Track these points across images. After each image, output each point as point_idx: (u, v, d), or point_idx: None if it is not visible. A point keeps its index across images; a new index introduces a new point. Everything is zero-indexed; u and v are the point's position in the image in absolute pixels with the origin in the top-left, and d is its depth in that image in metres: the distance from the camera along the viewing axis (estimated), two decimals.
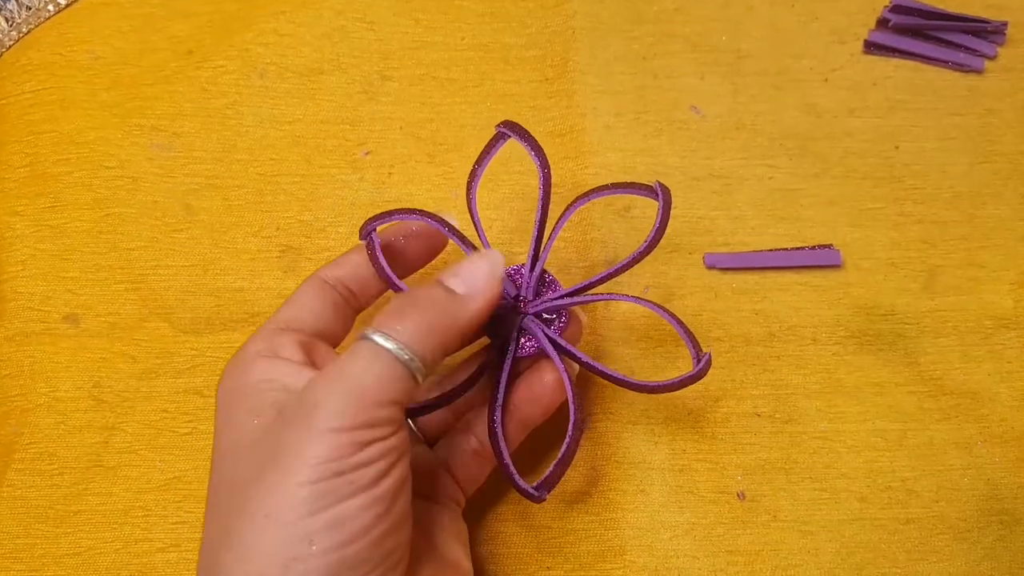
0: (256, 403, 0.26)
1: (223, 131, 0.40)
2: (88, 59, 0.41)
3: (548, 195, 0.32)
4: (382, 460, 0.24)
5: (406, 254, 0.32)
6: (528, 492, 0.30)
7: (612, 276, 0.31)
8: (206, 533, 0.25)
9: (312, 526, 0.22)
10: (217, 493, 0.25)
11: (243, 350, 0.28)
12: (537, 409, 0.31)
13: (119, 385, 0.36)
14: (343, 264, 0.31)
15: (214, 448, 0.26)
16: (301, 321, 0.29)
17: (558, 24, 0.41)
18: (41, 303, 0.37)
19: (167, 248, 0.38)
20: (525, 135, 0.32)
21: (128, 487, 0.35)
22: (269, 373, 0.26)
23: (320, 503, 0.22)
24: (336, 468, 0.23)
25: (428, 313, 0.26)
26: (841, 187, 0.39)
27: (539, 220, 0.31)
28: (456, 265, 0.28)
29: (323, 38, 0.41)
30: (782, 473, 0.35)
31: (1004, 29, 0.41)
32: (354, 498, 0.23)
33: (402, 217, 0.31)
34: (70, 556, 0.34)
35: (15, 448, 0.35)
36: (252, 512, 0.23)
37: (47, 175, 0.39)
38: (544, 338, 0.31)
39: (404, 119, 0.40)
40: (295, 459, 0.23)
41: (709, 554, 0.34)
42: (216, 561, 0.23)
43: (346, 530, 0.23)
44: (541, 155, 0.32)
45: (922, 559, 0.34)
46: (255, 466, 0.24)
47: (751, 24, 0.41)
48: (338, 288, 0.30)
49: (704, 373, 0.30)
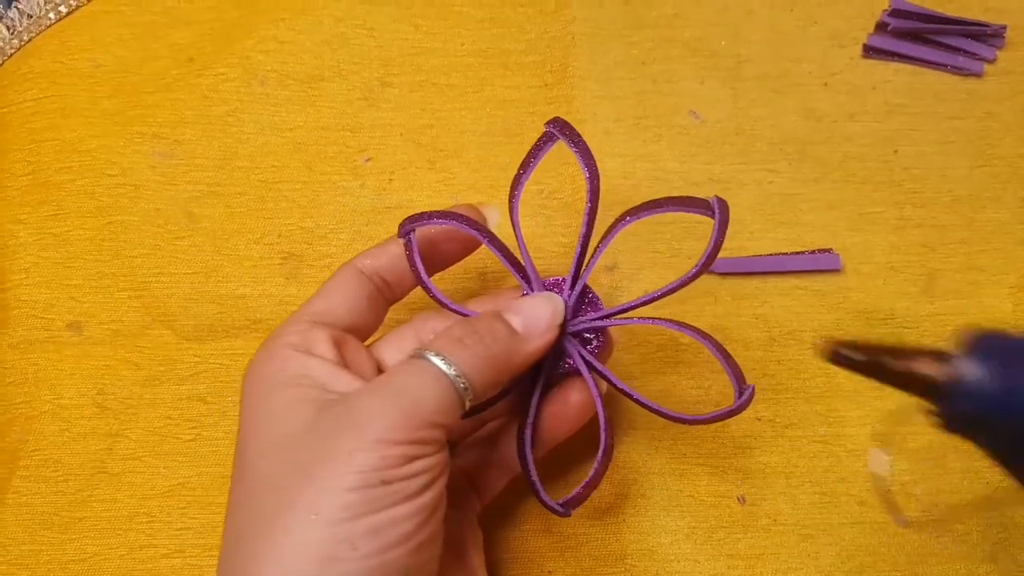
0: (293, 399, 0.26)
1: (224, 138, 0.40)
2: (89, 67, 0.41)
3: (595, 208, 0.30)
4: (426, 474, 0.25)
5: (439, 251, 0.31)
6: (555, 508, 0.30)
7: (656, 299, 0.30)
8: (233, 525, 0.25)
9: (356, 529, 0.23)
10: (251, 486, 0.25)
11: (275, 340, 0.28)
12: (563, 427, 0.31)
13: (123, 392, 0.36)
14: (380, 255, 0.30)
15: (244, 440, 0.26)
16: (335, 314, 0.29)
17: (557, 30, 0.41)
18: (44, 311, 0.37)
19: (169, 255, 0.38)
20: (575, 138, 0.30)
21: (132, 493, 0.35)
22: (305, 370, 0.27)
23: (366, 508, 0.23)
24: (384, 477, 0.23)
25: (489, 348, 0.27)
26: (840, 191, 0.39)
27: (583, 235, 0.30)
28: (518, 302, 0.29)
29: (323, 45, 0.41)
30: (782, 477, 0.35)
31: (1003, 33, 0.41)
32: (398, 507, 0.24)
33: (441, 222, 0.29)
34: (75, 562, 0.34)
35: (20, 455, 0.35)
36: (298, 509, 0.23)
37: (49, 183, 0.39)
38: (580, 360, 0.30)
39: (404, 125, 0.40)
40: (346, 464, 0.23)
41: (709, 558, 0.34)
42: (252, 552, 0.24)
43: (388, 536, 0.24)
44: (590, 162, 0.29)
45: (921, 562, 0.34)
46: (299, 465, 0.24)
47: (750, 29, 0.42)
48: (374, 279, 0.30)
49: (746, 406, 0.29)
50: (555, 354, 0.30)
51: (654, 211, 0.29)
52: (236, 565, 0.24)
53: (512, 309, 0.29)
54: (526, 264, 0.30)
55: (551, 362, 0.30)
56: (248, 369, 0.28)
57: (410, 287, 0.31)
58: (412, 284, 0.31)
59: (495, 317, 0.28)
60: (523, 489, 0.32)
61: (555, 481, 0.35)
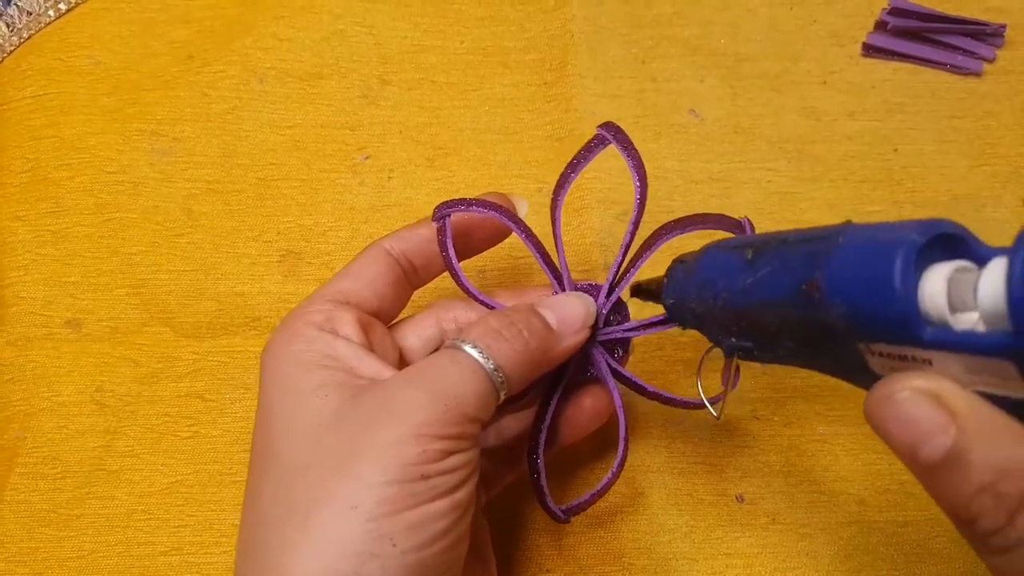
0: (320, 382, 0.25)
1: (223, 136, 0.40)
2: (89, 64, 0.41)
3: (640, 216, 0.29)
4: (463, 470, 0.24)
5: (468, 239, 0.30)
6: (556, 514, 0.30)
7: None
8: (258, 511, 0.24)
9: (396, 525, 0.22)
10: (279, 473, 0.24)
11: (298, 319, 0.27)
12: (574, 432, 0.31)
13: (121, 389, 0.36)
14: (409, 238, 0.29)
15: (268, 422, 0.25)
16: (360, 296, 0.28)
17: (557, 28, 0.41)
18: (43, 308, 0.37)
19: (168, 253, 0.38)
20: (627, 143, 0.29)
21: (131, 491, 0.35)
22: (331, 350, 0.26)
23: (405, 503, 0.23)
24: (424, 471, 0.23)
25: (527, 341, 0.26)
26: (840, 190, 0.39)
27: (626, 243, 0.29)
28: (552, 299, 0.28)
29: (322, 43, 0.41)
30: (781, 476, 0.35)
31: (1002, 32, 0.41)
32: (436, 502, 0.23)
33: (479, 211, 0.28)
34: (73, 559, 0.34)
35: (18, 452, 0.35)
36: (336, 501, 0.23)
37: (48, 180, 0.39)
38: (606, 368, 0.30)
39: (403, 123, 0.40)
40: (384, 456, 0.23)
41: (708, 556, 0.34)
42: (283, 541, 0.23)
43: (426, 533, 0.23)
44: (641, 170, 0.29)
45: (920, 561, 0.34)
46: (334, 455, 0.23)
47: (750, 27, 0.42)
48: (401, 262, 0.29)
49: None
50: (581, 359, 0.30)
51: (693, 228, 0.29)
52: (265, 554, 0.23)
53: (546, 304, 0.28)
54: (561, 264, 0.30)
55: (576, 366, 0.30)
56: (268, 347, 0.27)
57: (436, 273, 0.30)
58: (439, 270, 0.30)
59: (531, 311, 0.27)
60: (522, 487, 0.32)
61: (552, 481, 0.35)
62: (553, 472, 0.35)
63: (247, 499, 0.25)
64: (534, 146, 0.40)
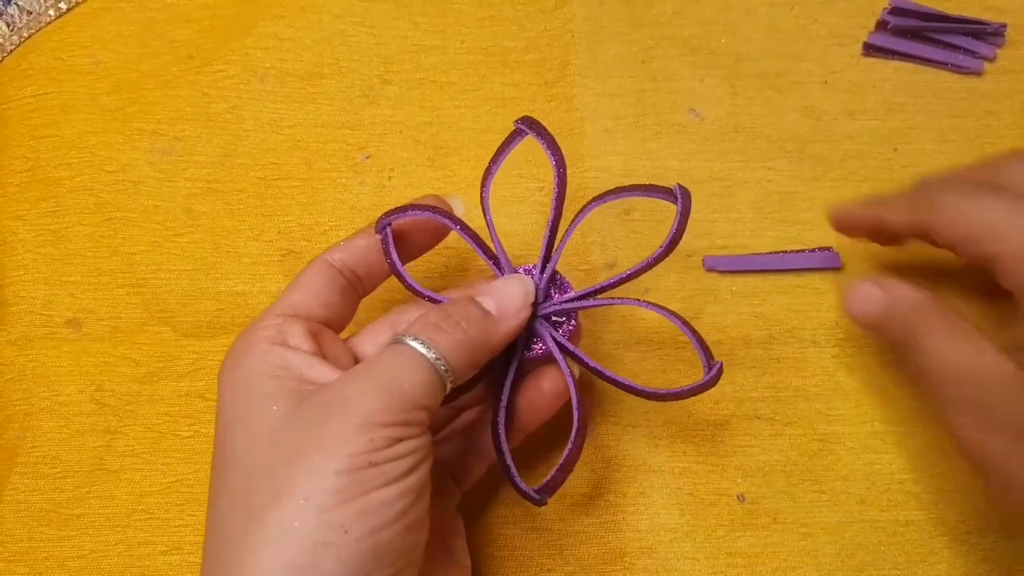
0: (271, 390, 0.26)
1: (224, 135, 0.40)
2: (89, 64, 0.41)
3: (563, 195, 0.31)
4: (412, 456, 0.25)
5: (409, 241, 0.32)
6: (530, 495, 0.30)
7: (623, 281, 0.31)
8: (216, 516, 0.25)
9: (347, 513, 0.23)
10: (235, 479, 0.25)
11: (250, 334, 0.28)
12: (537, 414, 0.31)
13: (121, 389, 0.36)
14: (350, 250, 0.31)
15: (224, 433, 0.26)
16: (308, 308, 0.29)
17: (557, 27, 0.41)
18: (43, 307, 0.37)
19: (168, 252, 0.38)
20: (542, 132, 0.31)
21: (131, 490, 0.35)
22: (283, 361, 0.27)
23: (355, 491, 0.24)
24: (372, 459, 0.24)
25: (465, 330, 0.27)
26: (840, 189, 0.39)
27: (552, 221, 0.31)
28: (489, 285, 0.30)
29: (323, 42, 0.41)
30: (782, 475, 0.35)
31: (1003, 31, 0.41)
32: (386, 488, 0.24)
33: (417, 214, 0.30)
34: (73, 559, 0.34)
35: (18, 452, 0.35)
36: (287, 496, 0.23)
37: (48, 179, 0.39)
38: (552, 342, 0.31)
39: (404, 123, 0.40)
40: (333, 448, 0.24)
41: (709, 556, 0.34)
42: (242, 543, 0.23)
43: (378, 518, 0.24)
44: (557, 153, 0.31)
45: (922, 561, 0.34)
46: (284, 453, 0.24)
47: (750, 27, 0.42)
48: (344, 273, 0.30)
49: (715, 382, 0.30)
50: (527, 337, 0.31)
51: (620, 196, 0.31)
52: (226, 558, 0.24)
53: (484, 292, 0.29)
54: (497, 251, 0.31)
55: (523, 345, 0.31)
56: (225, 362, 0.28)
57: (380, 280, 0.32)
58: (382, 277, 0.32)
59: (468, 301, 0.28)
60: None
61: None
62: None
63: (209, 508, 0.26)
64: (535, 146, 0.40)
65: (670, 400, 0.30)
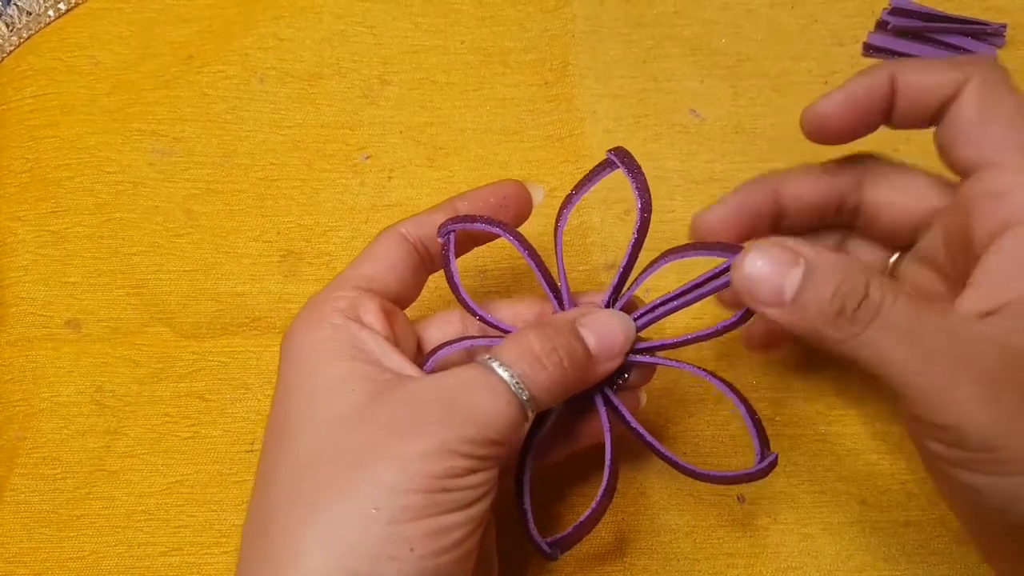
0: (345, 374, 0.25)
1: (223, 136, 0.40)
2: (88, 64, 0.41)
3: (642, 241, 0.28)
4: (483, 487, 0.24)
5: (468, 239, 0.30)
6: (542, 548, 0.29)
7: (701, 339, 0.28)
8: (268, 499, 0.24)
9: (416, 531, 0.23)
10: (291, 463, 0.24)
11: (321, 305, 0.26)
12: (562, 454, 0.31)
13: (121, 390, 0.36)
14: (427, 223, 0.29)
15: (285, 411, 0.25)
16: (383, 281, 0.28)
17: (557, 28, 0.41)
18: (43, 308, 0.37)
19: (168, 253, 0.38)
20: (634, 168, 0.28)
21: (131, 491, 0.35)
22: (358, 341, 0.26)
23: (427, 511, 0.23)
24: (447, 485, 0.23)
25: (565, 370, 0.26)
26: None
27: (625, 265, 0.28)
28: (593, 317, 0.27)
29: (323, 43, 0.41)
30: (782, 476, 0.35)
31: (1003, 32, 0.41)
32: (454, 514, 0.24)
33: (483, 227, 0.28)
34: (73, 560, 0.34)
35: (18, 453, 0.35)
36: (356, 500, 0.23)
37: (48, 180, 0.39)
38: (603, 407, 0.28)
39: (404, 123, 0.40)
40: (413, 467, 0.23)
41: (709, 556, 0.34)
42: (293, 532, 0.23)
43: (443, 540, 0.23)
44: (645, 195, 0.28)
45: (922, 561, 0.34)
46: (355, 452, 0.24)
47: (751, 27, 0.42)
48: (418, 247, 0.29)
49: (766, 473, 0.28)
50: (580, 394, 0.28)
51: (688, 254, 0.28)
52: (276, 547, 0.23)
53: (586, 324, 0.27)
54: (562, 285, 0.29)
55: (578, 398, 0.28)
56: (291, 333, 0.26)
57: None
58: None
59: (572, 332, 0.26)
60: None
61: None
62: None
63: (257, 485, 0.25)
64: (535, 146, 0.40)
65: (717, 483, 0.29)
